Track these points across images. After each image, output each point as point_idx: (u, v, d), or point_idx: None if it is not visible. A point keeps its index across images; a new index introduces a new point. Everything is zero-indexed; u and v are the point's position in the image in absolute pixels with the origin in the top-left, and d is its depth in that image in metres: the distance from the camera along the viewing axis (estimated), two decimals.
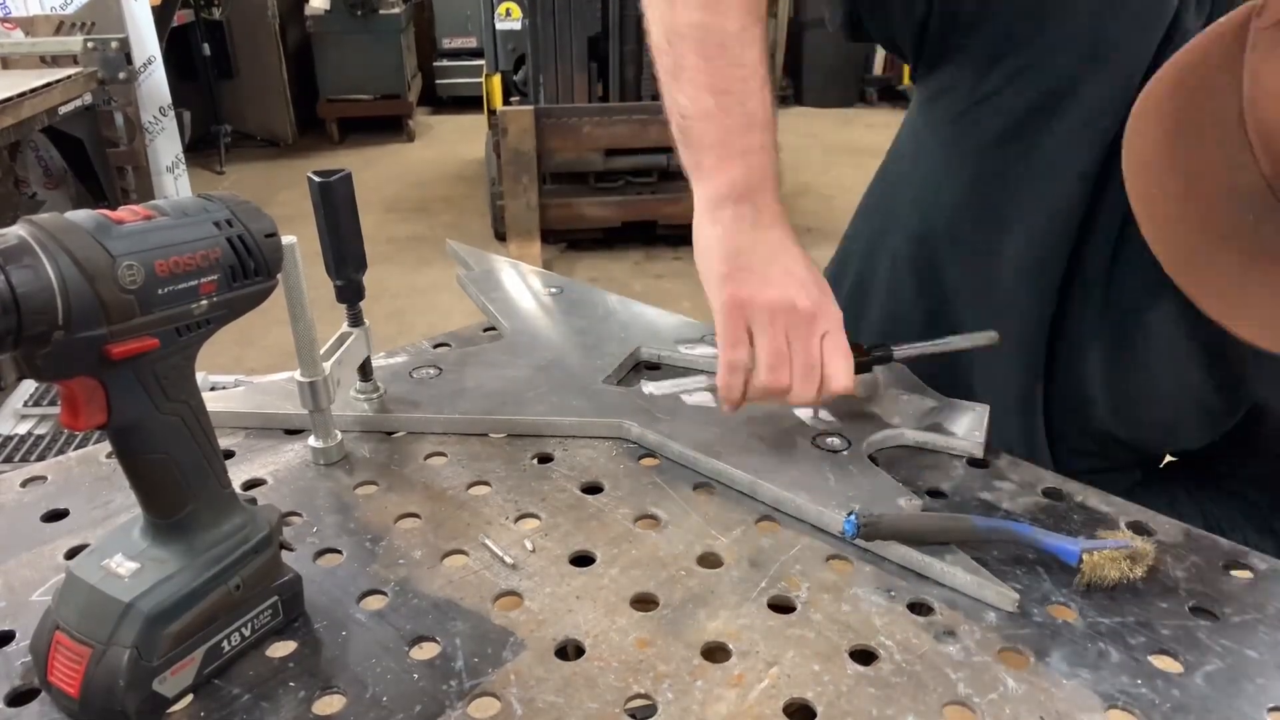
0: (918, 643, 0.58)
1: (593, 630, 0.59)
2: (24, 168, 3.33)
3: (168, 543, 0.54)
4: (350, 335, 0.79)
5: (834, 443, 0.77)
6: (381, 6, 5.58)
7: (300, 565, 0.62)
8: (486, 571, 0.65)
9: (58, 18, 3.35)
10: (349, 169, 0.74)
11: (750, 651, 0.58)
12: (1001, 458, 0.78)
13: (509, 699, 0.54)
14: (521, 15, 4.04)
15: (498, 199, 3.95)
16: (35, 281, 0.44)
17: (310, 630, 0.59)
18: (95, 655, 0.50)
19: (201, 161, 5.19)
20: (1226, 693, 0.55)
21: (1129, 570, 0.62)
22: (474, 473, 0.76)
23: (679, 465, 0.76)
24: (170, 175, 3.93)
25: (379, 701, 0.54)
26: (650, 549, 0.67)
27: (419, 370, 0.89)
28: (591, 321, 0.99)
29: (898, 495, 0.70)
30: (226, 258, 0.52)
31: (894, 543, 0.65)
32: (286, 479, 0.75)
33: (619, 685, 0.55)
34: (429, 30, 6.40)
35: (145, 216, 0.50)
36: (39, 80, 2.65)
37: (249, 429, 0.82)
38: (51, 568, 0.65)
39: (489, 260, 1.14)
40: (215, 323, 0.53)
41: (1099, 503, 0.72)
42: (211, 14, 5.29)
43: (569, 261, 4.05)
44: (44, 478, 0.75)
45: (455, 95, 6.45)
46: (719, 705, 0.54)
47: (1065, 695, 0.54)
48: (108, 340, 0.47)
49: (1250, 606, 0.62)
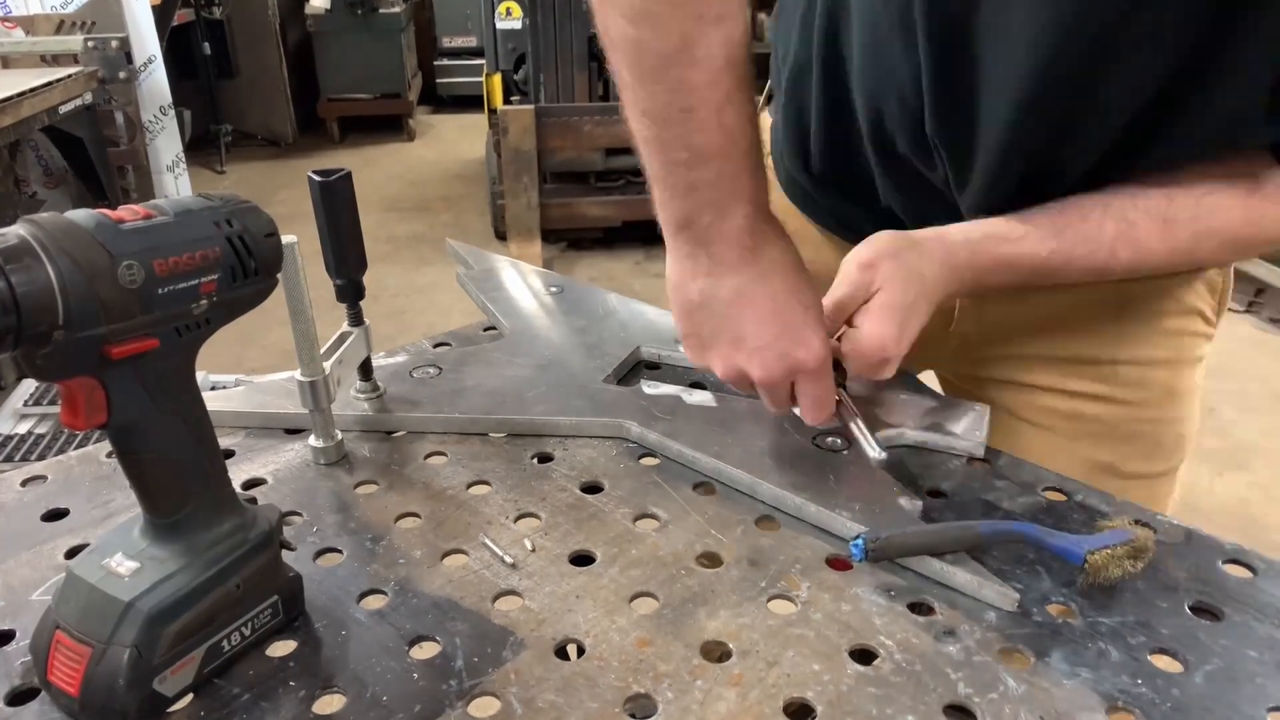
0: (918, 642, 0.58)
1: (592, 630, 0.59)
2: (24, 167, 3.33)
3: (168, 542, 0.54)
4: (350, 335, 0.79)
5: (834, 443, 0.77)
6: (382, 5, 5.59)
7: (300, 565, 0.62)
8: (486, 571, 0.65)
9: (58, 17, 3.35)
10: (349, 168, 0.74)
11: (750, 651, 0.58)
12: (1001, 457, 0.78)
13: (509, 698, 0.54)
14: (522, 14, 4.04)
15: (498, 198, 3.96)
16: (35, 281, 0.44)
17: (310, 630, 0.59)
18: (95, 654, 0.50)
19: (202, 161, 5.19)
20: (1226, 692, 0.55)
21: (1130, 568, 0.62)
22: (474, 472, 0.76)
23: (679, 465, 0.76)
24: (170, 174, 3.94)
25: (379, 701, 0.54)
26: (650, 548, 0.67)
27: (419, 370, 0.89)
28: (591, 321, 0.99)
29: (898, 495, 0.70)
30: (226, 257, 0.52)
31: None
32: (286, 478, 0.75)
33: (619, 685, 0.55)
34: (429, 29, 6.40)
35: (145, 216, 0.50)
36: (39, 79, 2.65)
37: (249, 429, 0.82)
38: (51, 567, 0.65)
39: (489, 259, 1.14)
40: (215, 322, 0.53)
41: (1099, 502, 0.72)
42: (212, 13, 5.30)
43: (569, 261, 4.05)
44: (44, 477, 0.75)
45: (455, 94, 6.45)
46: (719, 705, 0.54)
47: (1065, 695, 0.54)
48: (107, 340, 0.47)
49: (1250, 606, 0.62)
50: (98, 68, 2.99)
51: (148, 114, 3.71)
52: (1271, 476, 2.59)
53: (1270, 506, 2.47)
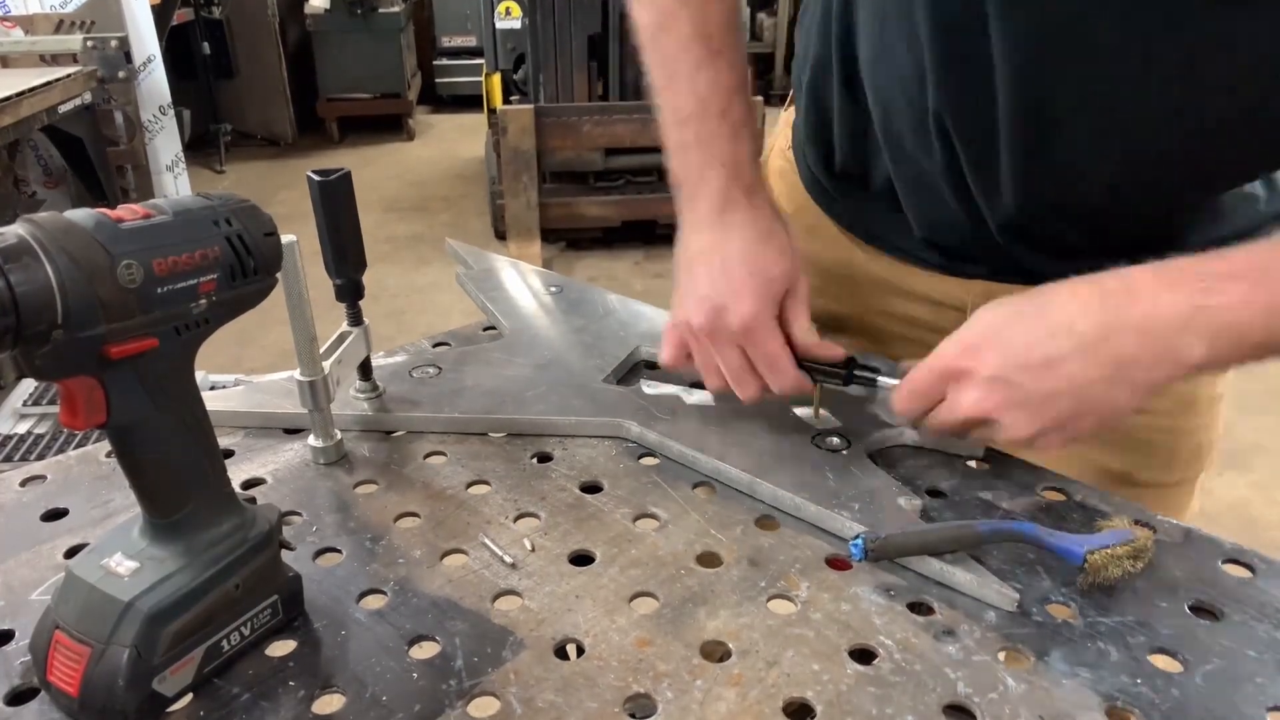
0: (917, 642, 0.58)
1: (592, 629, 0.59)
2: (23, 167, 3.33)
3: (167, 542, 0.54)
4: (350, 334, 0.79)
5: (834, 442, 0.77)
6: (381, 5, 5.58)
7: (300, 564, 0.62)
8: (486, 571, 0.65)
9: (57, 16, 3.35)
10: (348, 168, 0.74)
11: (750, 651, 0.58)
12: (1002, 458, 0.78)
13: (508, 698, 0.54)
14: (521, 14, 4.04)
15: (497, 198, 3.95)
16: (34, 281, 0.44)
17: (310, 629, 0.59)
18: (95, 654, 0.50)
19: (201, 160, 5.19)
20: (1226, 692, 0.55)
21: (1130, 568, 0.62)
22: (473, 472, 0.76)
23: (678, 464, 0.76)
24: (170, 174, 3.93)
25: (378, 701, 0.54)
26: (650, 548, 0.67)
27: (419, 369, 0.89)
28: (591, 321, 0.99)
29: (898, 495, 0.70)
30: (226, 257, 0.52)
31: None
32: (286, 478, 0.75)
33: (618, 684, 0.55)
34: (429, 29, 6.40)
35: (144, 215, 0.50)
36: (38, 79, 2.65)
37: (248, 428, 0.82)
38: (51, 567, 0.65)
39: (488, 259, 1.13)
40: (214, 322, 0.53)
41: (1099, 502, 0.72)
42: (211, 13, 5.29)
43: (569, 261, 4.05)
44: (43, 477, 0.75)
45: (455, 94, 6.45)
46: (718, 704, 0.54)
47: (1065, 695, 0.54)
48: (107, 339, 0.47)
49: (1250, 606, 0.62)
50: (97, 67, 2.99)
51: (147, 114, 3.71)
52: (1271, 476, 2.59)
53: (1270, 506, 2.47)
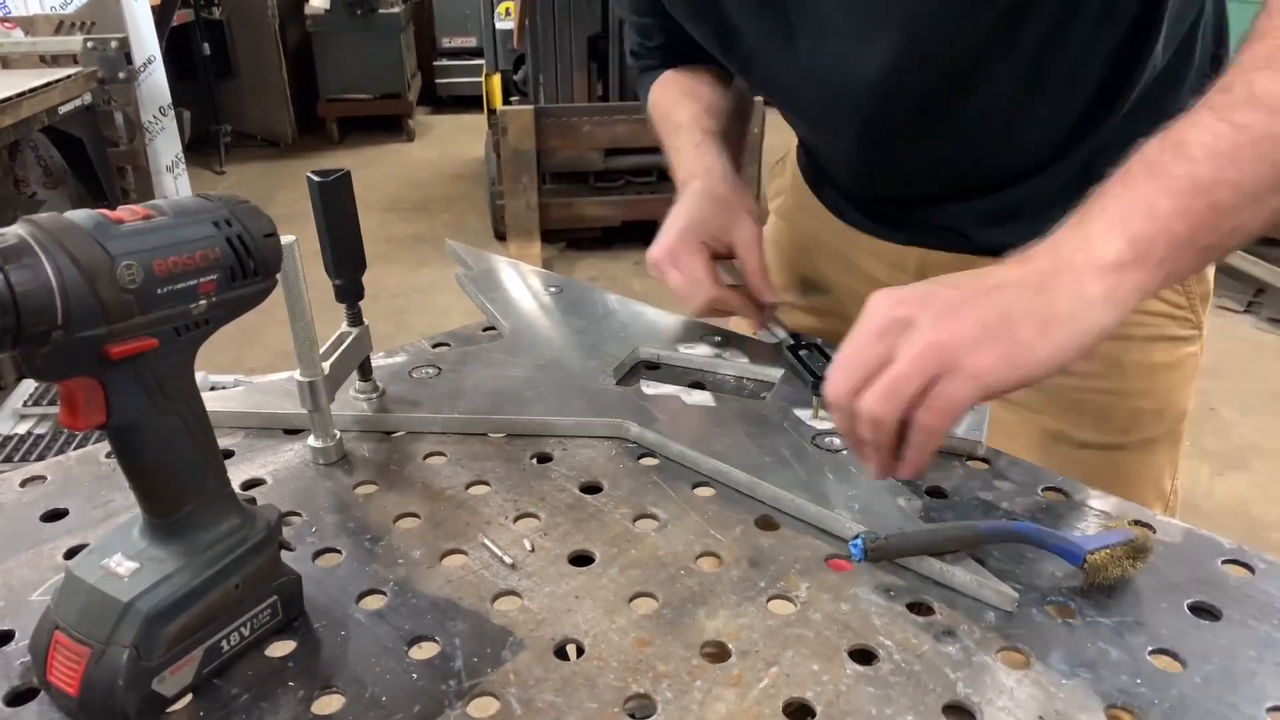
0: (917, 642, 0.58)
1: (592, 630, 0.59)
2: (24, 167, 3.33)
3: (167, 542, 0.54)
4: (350, 335, 0.79)
5: (834, 443, 0.77)
6: (381, 6, 5.58)
7: (299, 565, 0.62)
8: (485, 571, 0.65)
9: (57, 17, 3.35)
10: (348, 168, 0.74)
11: (749, 651, 0.58)
12: (1001, 457, 0.78)
13: (508, 698, 0.54)
14: (520, 15, 4.03)
15: (497, 199, 3.95)
16: (34, 281, 0.44)
17: (309, 630, 0.59)
18: (94, 655, 0.50)
19: (201, 161, 5.19)
20: (1225, 692, 0.55)
21: (1130, 568, 0.62)
22: (473, 472, 0.76)
23: (678, 465, 0.76)
24: (170, 175, 3.94)
25: (378, 701, 0.54)
26: (649, 549, 0.67)
27: (418, 370, 0.89)
28: (591, 321, 0.99)
29: (897, 495, 0.70)
30: (226, 257, 0.52)
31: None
32: (286, 479, 0.75)
33: (618, 685, 0.55)
34: (429, 29, 6.40)
35: (144, 216, 0.50)
36: (39, 80, 2.65)
37: (248, 429, 0.82)
38: (51, 567, 0.65)
39: (488, 260, 1.14)
40: (214, 322, 0.53)
41: (1099, 502, 0.72)
42: (211, 13, 5.30)
43: (569, 261, 4.05)
44: (43, 477, 0.75)
45: (455, 95, 6.45)
46: (718, 705, 0.54)
47: (1065, 695, 0.54)
48: (107, 340, 0.47)
49: (1249, 606, 0.62)
50: (97, 68, 2.99)
51: (147, 114, 3.71)
52: (1271, 476, 2.59)
53: (1270, 506, 2.47)
